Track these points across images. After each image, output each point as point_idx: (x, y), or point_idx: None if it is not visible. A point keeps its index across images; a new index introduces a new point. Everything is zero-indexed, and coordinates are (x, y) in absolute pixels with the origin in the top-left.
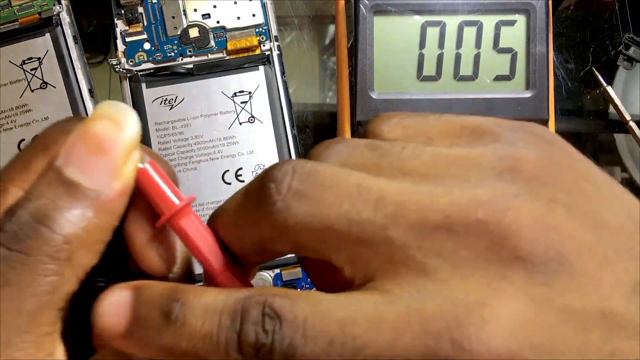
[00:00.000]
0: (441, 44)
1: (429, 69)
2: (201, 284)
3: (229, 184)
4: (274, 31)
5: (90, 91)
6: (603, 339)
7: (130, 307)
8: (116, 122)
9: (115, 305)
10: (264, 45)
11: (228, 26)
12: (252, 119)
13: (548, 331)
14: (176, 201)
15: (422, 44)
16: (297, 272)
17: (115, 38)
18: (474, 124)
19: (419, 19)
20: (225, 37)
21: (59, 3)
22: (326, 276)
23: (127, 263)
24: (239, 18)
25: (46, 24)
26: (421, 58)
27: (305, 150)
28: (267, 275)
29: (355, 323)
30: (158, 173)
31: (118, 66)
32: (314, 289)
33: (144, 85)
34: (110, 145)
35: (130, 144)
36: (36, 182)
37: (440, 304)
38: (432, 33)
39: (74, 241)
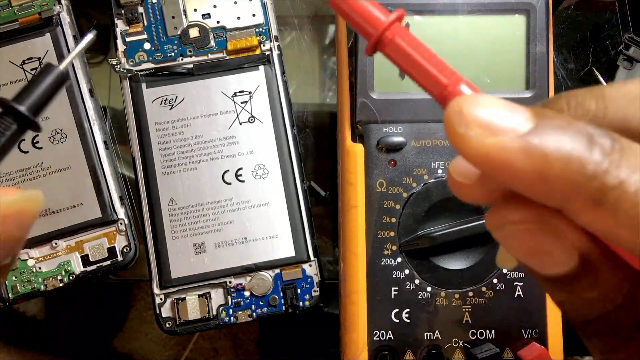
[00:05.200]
0: (441, 44)
1: None
2: None
3: (229, 184)
4: (274, 31)
5: (91, 91)
6: None
7: (533, 114)
8: None
9: (509, 105)
10: (264, 45)
11: (228, 26)
12: (252, 118)
13: None
14: (382, 17)
15: None
16: (297, 272)
17: (116, 38)
18: None
19: (418, 19)
20: (226, 37)
21: (59, 3)
22: None
23: None
24: (239, 18)
25: (46, 24)
26: None
27: (306, 150)
28: (267, 275)
29: None
30: None
31: (118, 66)
32: None
33: (144, 85)
34: None
35: None
36: None
37: None
38: (432, 33)
39: None
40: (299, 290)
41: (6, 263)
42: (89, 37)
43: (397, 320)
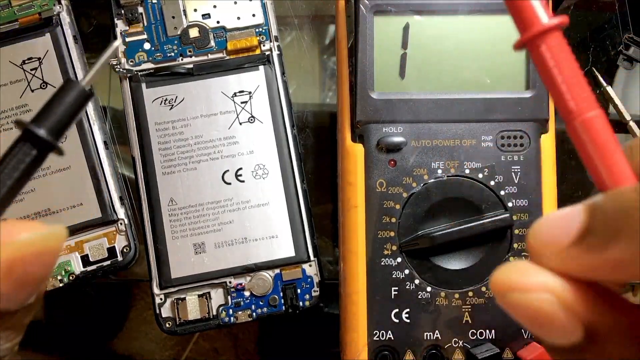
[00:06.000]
0: (441, 44)
1: (429, 69)
2: None
3: (229, 184)
4: (274, 31)
5: (90, 91)
6: None
7: (584, 214)
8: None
9: (561, 216)
10: (264, 45)
11: (228, 26)
12: (252, 119)
13: None
14: (544, 18)
15: (422, 44)
16: (297, 272)
17: (115, 38)
18: None
19: (418, 19)
20: (225, 37)
21: (59, 3)
22: None
23: None
24: (239, 18)
25: (46, 24)
26: (421, 58)
27: (306, 151)
28: (267, 275)
29: None
30: None
31: (118, 66)
32: None
33: (144, 85)
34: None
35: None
36: None
37: None
38: (432, 33)
39: None
40: (298, 290)
41: (31, 302)
42: (115, 45)
43: (397, 320)
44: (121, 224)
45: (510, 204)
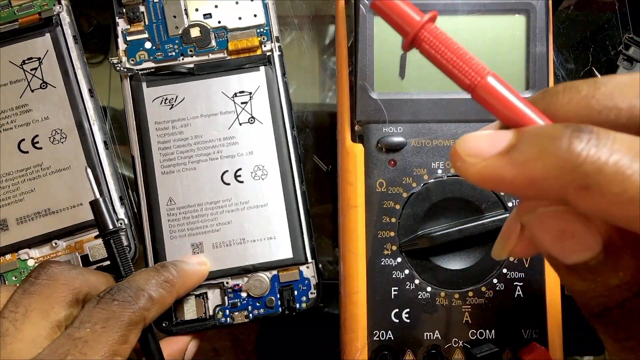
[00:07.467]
0: None
1: (429, 69)
2: None
3: (228, 184)
4: (275, 32)
5: (90, 91)
6: None
7: (513, 134)
8: None
9: (492, 133)
10: (265, 46)
11: (229, 26)
12: (252, 119)
13: None
14: (417, 17)
15: None
16: (294, 273)
17: (116, 37)
18: None
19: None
20: (227, 37)
21: (59, 3)
22: None
23: None
24: (240, 18)
25: (46, 24)
26: (421, 58)
27: (305, 151)
28: (265, 276)
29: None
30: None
31: (119, 65)
32: None
33: (144, 84)
34: None
35: None
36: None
37: None
38: None
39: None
40: (295, 292)
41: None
42: None
43: (397, 320)
44: (121, 223)
45: (510, 204)
